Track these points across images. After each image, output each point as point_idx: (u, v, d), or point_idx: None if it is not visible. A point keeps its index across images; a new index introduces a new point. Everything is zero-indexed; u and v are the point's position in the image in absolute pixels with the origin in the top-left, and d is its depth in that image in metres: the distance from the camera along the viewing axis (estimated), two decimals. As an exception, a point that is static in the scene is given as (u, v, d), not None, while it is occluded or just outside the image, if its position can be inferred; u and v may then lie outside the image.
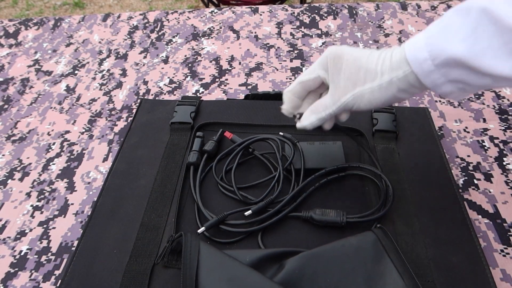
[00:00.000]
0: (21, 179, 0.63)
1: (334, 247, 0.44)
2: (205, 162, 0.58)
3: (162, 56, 0.84)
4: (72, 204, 0.59)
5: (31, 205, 0.59)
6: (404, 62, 0.42)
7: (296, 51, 0.82)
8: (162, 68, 0.81)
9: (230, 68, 0.79)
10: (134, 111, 0.70)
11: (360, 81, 0.44)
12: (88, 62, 0.84)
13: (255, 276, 0.41)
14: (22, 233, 0.56)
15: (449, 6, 0.91)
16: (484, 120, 0.66)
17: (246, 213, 0.51)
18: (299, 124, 0.50)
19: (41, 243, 0.54)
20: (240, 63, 0.80)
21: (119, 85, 0.78)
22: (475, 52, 0.37)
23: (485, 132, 0.64)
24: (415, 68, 0.41)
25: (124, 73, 0.81)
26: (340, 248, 0.44)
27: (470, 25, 0.37)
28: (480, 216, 0.53)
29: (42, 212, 0.58)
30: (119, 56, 0.85)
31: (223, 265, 0.42)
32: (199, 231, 0.49)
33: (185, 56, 0.83)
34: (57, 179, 0.62)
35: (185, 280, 0.40)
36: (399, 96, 0.44)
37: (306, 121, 0.49)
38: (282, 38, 0.86)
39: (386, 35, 0.85)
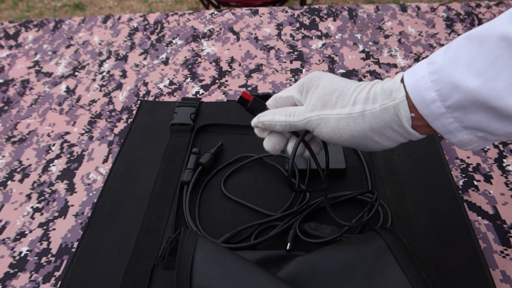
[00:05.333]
0: (21, 181, 0.63)
1: (333, 247, 0.44)
2: (202, 176, 0.58)
3: (162, 58, 0.84)
4: (72, 205, 0.59)
5: (31, 207, 0.59)
6: (384, 95, 0.36)
7: (296, 53, 0.82)
8: (162, 69, 0.81)
9: (230, 70, 0.80)
10: (134, 112, 0.71)
11: (330, 104, 0.40)
12: (88, 64, 0.84)
13: (250, 267, 0.41)
14: (22, 234, 0.56)
15: (449, 8, 0.91)
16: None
17: (288, 247, 0.48)
18: (255, 119, 0.45)
19: (41, 244, 0.54)
20: (240, 65, 0.81)
21: (119, 86, 0.78)
22: (497, 90, 0.30)
23: (484, 134, 0.64)
24: (422, 110, 0.34)
25: (124, 75, 0.81)
26: (339, 246, 0.44)
27: (488, 56, 0.31)
28: (480, 218, 0.53)
29: (42, 214, 0.58)
30: (119, 57, 0.85)
31: (219, 254, 0.42)
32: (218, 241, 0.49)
33: (185, 57, 0.83)
34: (57, 181, 0.62)
35: (179, 266, 0.40)
36: (373, 138, 0.38)
37: (267, 117, 0.43)
38: (282, 40, 0.86)
39: (386, 36, 0.85)
